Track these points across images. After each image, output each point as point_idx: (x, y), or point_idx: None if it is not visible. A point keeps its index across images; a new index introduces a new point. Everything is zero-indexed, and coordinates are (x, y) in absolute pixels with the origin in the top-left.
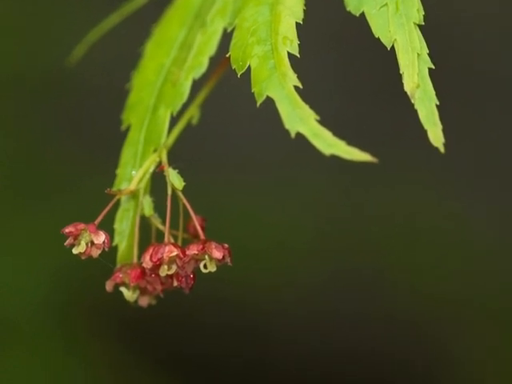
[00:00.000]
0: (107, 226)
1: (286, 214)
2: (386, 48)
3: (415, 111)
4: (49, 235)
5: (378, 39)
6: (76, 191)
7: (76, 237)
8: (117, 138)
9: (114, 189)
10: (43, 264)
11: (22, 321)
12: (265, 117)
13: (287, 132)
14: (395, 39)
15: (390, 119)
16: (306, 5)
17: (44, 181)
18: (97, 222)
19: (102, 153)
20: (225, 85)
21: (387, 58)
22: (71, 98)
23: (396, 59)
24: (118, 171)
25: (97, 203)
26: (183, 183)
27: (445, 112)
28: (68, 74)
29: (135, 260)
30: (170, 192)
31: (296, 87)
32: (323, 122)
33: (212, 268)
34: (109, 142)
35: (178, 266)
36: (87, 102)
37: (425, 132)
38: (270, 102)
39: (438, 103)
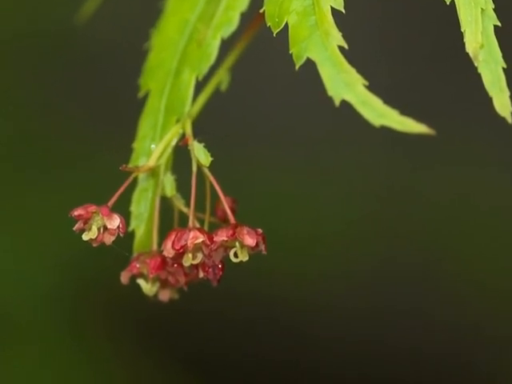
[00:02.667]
0: (122, 209)
1: (327, 195)
2: (442, 3)
3: (478, 75)
4: (55, 219)
5: None
6: (86, 169)
7: (86, 221)
8: (133, 106)
9: (131, 165)
10: (48, 252)
11: (24, 317)
12: (304, 82)
13: (330, 100)
14: None
15: (447, 85)
16: None
17: (49, 157)
18: (110, 203)
19: (116, 124)
20: (258, 45)
21: (442, 15)
22: (81, 61)
23: (455, 16)
24: (135, 145)
25: (110, 182)
26: (210, 158)
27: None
28: (77, 33)
29: (155, 248)
30: (194, 169)
31: (341, 48)
32: (372, 88)
33: (244, 257)
34: (124, 112)
35: (204, 255)
36: (99, 65)
37: (489, 99)
38: (310, 64)
39: (504, 66)
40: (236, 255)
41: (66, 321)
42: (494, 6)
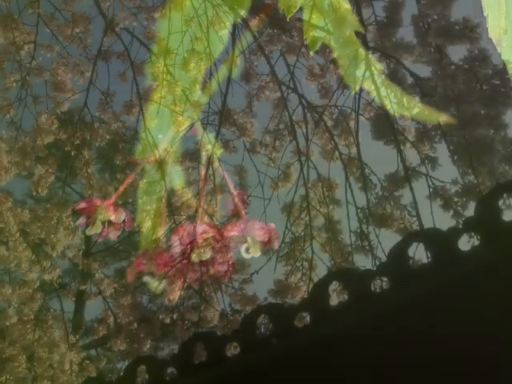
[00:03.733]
0: (127, 203)
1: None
2: None
3: None
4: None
5: None
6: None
7: (90, 215)
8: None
9: (137, 156)
10: (48, 252)
11: (23, 317)
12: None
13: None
14: None
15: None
16: None
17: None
18: (115, 197)
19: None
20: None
21: None
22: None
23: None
24: (142, 135)
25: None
26: (220, 149)
27: None
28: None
29: (162, 243)
30: (204, 160)
31: (358, 33)
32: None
33: (255, 253)
34: (129, 101)
35: (213, 250)
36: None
37: None
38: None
39: None
40: (247, 251)
41: (67, 321)
42: None
